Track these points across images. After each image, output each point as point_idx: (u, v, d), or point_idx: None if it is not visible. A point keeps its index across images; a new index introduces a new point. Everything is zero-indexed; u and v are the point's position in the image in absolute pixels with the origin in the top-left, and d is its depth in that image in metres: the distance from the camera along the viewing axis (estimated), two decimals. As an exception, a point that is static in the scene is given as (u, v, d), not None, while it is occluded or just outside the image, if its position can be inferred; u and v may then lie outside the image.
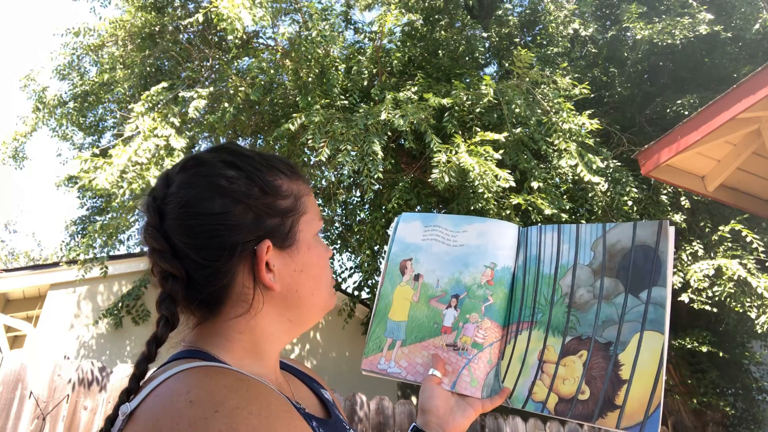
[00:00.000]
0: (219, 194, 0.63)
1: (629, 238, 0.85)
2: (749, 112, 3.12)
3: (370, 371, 0.96)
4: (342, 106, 4.83)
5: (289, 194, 0.69)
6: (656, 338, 0.77)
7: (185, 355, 0.61)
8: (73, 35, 5.90)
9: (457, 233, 0.99)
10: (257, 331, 0.66)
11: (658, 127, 5.80)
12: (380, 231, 5.25)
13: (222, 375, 0.54)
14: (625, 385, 0.77)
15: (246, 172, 0.66)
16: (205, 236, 0.62)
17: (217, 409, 0.48)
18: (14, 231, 20.07)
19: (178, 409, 0.49)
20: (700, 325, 5.35)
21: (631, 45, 6.27)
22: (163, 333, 0.61)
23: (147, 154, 4.32)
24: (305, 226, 0.70)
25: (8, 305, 6.48)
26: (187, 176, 0.66)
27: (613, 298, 0.83)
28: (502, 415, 3.85)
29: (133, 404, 0.54)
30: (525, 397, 0.85)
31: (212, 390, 0.51)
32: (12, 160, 5.96)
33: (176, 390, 0.52)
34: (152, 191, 0.67)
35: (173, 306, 0.62)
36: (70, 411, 2.64)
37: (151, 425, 0.50)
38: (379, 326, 0.98)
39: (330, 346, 7.15)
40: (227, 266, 0.63)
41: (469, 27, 6.02)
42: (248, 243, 0.63)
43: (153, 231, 0.63)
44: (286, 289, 0.67)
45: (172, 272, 0.62)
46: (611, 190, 4.80)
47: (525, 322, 0.90)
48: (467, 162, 3.90)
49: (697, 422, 5.33)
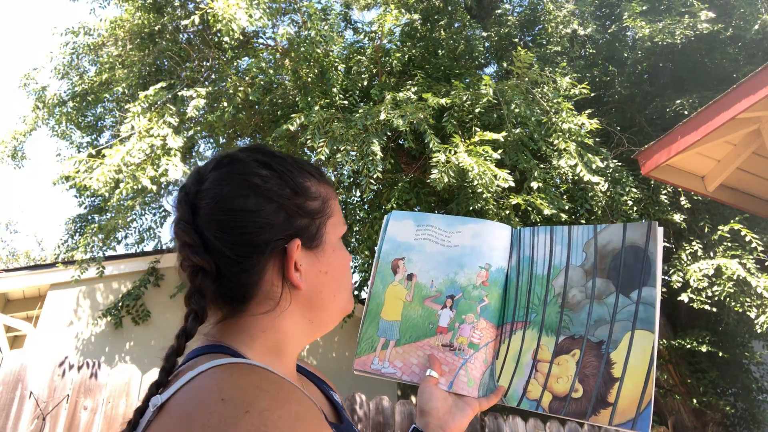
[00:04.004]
0: (253, 192, 0.65)
1: (619, 239, 0.87)
2: (749, 112, 3.12)
3: (362, 371, 0.96)
4: (341, 106, 4.82)
5: (318, 196, 0.71)
6: (647, 337, 0.79)
7: (210, 350, 0.62)
8: (72, 35, 5.90)
9: (451, 234, 0.99)
10: (280, 329, 0.67)
11: (658, 127, 5.80)
12: (379, 231, 5.24)
13: (255, 375, 0.55)
14: (617, 383, 0.79)
15: (278, 172, 0.68)
16: (237, 232, 0.63)
17: (248, 410, 0.49)
18: (15, 231, 20.05)
19: (210, 406, 0.50)
20: (700, 324, 5.35)
21: (631, 45, 6.28)
22: (192, 327, 0.61)
23: (141, 155, 4.31)
24: (331, 229, 0.72)
25: (8, 305, 6.47)
26: (221, 173, 0.67)
27: (604, 298, 0.85)
28: (502, 415, 3.85)
29: (164, 396, 0.55)
30: (520, 396, 0.86)
31: (244, 389, 0.52)
32: (11, 159, 5.96)
33: (209, 387, 0.53)
34: (184, 187, 0.68)
35: (203, 300, 0.62)
36: (70, 411, 2.64)
37: (183, 420, 0.50)
38: (371, 326, 0.98)
39: (329, 347, 7.15)
40: (258, 263, 0.64)
41: (469, 27, 6.02)
42: (279, 241, 0.65)
43: (185, 225, 0.63)
44: (311, 290, 0.68)
45: (204, 267, 0.62)
46: (611, 190, 4.80)
47: (519, 322, 0.91)
48: (466, 162, 3.90)
49: (697, 422, 5.33)
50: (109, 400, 2.74)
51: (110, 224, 5.20)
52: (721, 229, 4.75)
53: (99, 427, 2.66)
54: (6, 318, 5.71)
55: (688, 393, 5.35)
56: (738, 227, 4.47)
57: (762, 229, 4.96)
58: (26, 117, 6.01)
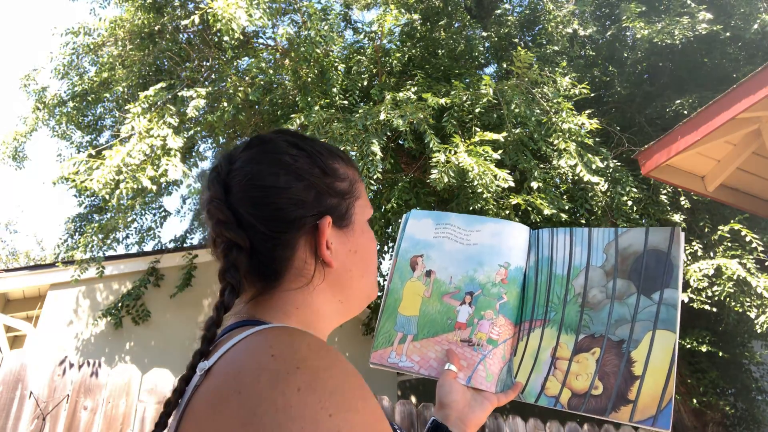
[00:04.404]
0: (283, 170, 0.66)
1: (641, 242, 0.88)
2: (749, 112, 3.12)
3: (379, 365, 0.96)
4: (341, 106, 4.82)
5: (346, 177, 0.72)
6: (668, 337, 0.80)
7: (246, 324, 0.61)
8: (72, 35, 5.90)
9: (471, 232, 1.00)
10: (313, 307, 0.67)
11: (658, 127, 5.80)
12: (379, 231, 5.24)
13: (304, 335, 0.55)
14: (638, 380, 0.79)
15: (308, 152, 0.69)
16: (270, 208, 0.65)
17: (299, 366, 0.48)
18: (15, 231, 20.05)
19: (261, 362, 0.49)
20: (700, 324, 5.35)
21: (631, 45, 6.28)
22: (230, 300, 0.62)
23: (141, 155, 4.31)
24: (360, 210, 0.73)
25: (8, 305, 6.47)
26: (252, 153, 0.68)
27: (625, 298, 0.86)
28: (502, 415, 3.85)
29: (211, 361, 0.55)
30: (538, 392, 0.87)
31: (295, 347, 0.52)
32: (11, 159, 5.96)
33: (259, 345, 0.53)
34: (214, 168, 0.70)
35: (238, 274, 0.63)
36: (70, 411, 2.63)
37: (232, 377, 0.50)
38: (389, 320, 0.99)
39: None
40: (291, 238, 0.65)
41: (469, 27, 6.02)
42: (311, 217, 0.66)
43: (218, 202, 0.65)
44: (342, 268, 0.69)
45: (238, 242, 0.63)
46: (611, 190, 4.80)
47: (538, 320, 0.92)
48: (466, 162, 3.90)
49: (697, 422, 5.33)
50: (109, 400, 2.74)
51: (110, 224, 5.20)
52: (721, 229, 4.75)
53: (99, 427, 2.66)
54: (6, 318, 5.71)
55: (688, 393, 5.35)
56: (738, 227, 4.47)
57: (762, 229, 4.96)
58: (27, 118, 6.01)
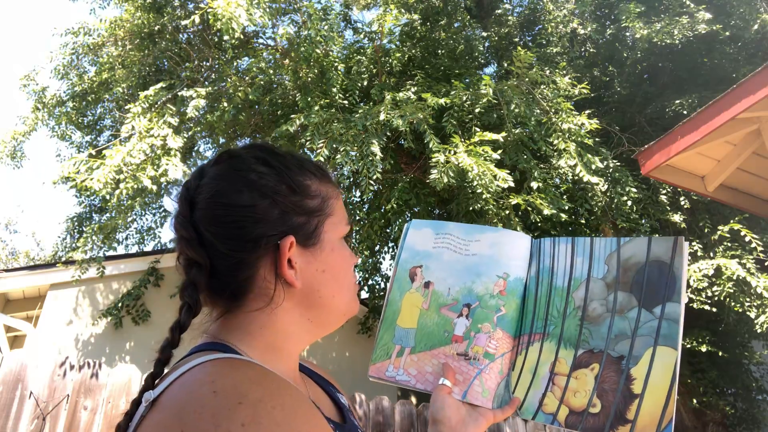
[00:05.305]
0: (248, 188, 0.65)
1: (644, 253, 0.85)
2: (749, 112, 3.12)
3: (378, 378, 0.95)
4: (341, 106, 4.82)
5: (317, 195, 0.71)
6: (669, 353, 0.77)
7: (208, 347, 0.62)
8: (72, 35, 5.90)
9: (470, 242, 0.98)
10: (279, 327, 0.67)
11: (657, 127, 5.79)
12: (379, 231, 5.24)
13: (246, 367, 0.55)
14: (637, 399, 0.77)
15: (276, 169, 0.68)
16: (231, 227, 0.64)
17: (240, 401, 0.49)
18: (14, 231, 20.04)
19: (202, 399, 0.49)
20: (700, 324, 5.34)
21: (631, 45, 6.27)
22: (185, 319, 0.62)
23: (141, 155, 4.32)
24: (331, 228, 0.71)
25: (8, 305, 6.47)
26: (219, 169, 0.68)
27: (626, 312, 0.83)
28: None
29: (157, 392, 0.55)
30: (535, 409, 0.84)
31: (237, 381, 0.51)
32: (10, 159, 5.96)
33: (201, 380, 0.53)
34: (186, 183, 0.70)
35: (196, 293, 0.63)
36: (70, 411, 2.63)
37: (174, 413, 0.50)
38: (387, 332, 0.96)
39: (329, 346, 7.15)
40: (250, 258, 0.64)
41: (469, 27, 6.02)
42: (272, 237, 0.65)
43: (182, 219, 0.65)
44: (307, 288, 0.68)
45: (197, 260, 0.63)
46: (611, 190, 4.80)
47: (537, 333, 0.89)
48: (466, 162, 3.90)
49: (697, 422, 5.33)
50: (109, 400, 2.74)
51: (110, 224, 5.20)
52: (721, 229, 4.74)
53: (99, 427, 2.65)
54: (6, 318, 5.70)
55: (687, 393, 5.35)
56: (738, 227, 4.47)
57: (762, 229, 4.96)
58: (26, 118, 6.01)
